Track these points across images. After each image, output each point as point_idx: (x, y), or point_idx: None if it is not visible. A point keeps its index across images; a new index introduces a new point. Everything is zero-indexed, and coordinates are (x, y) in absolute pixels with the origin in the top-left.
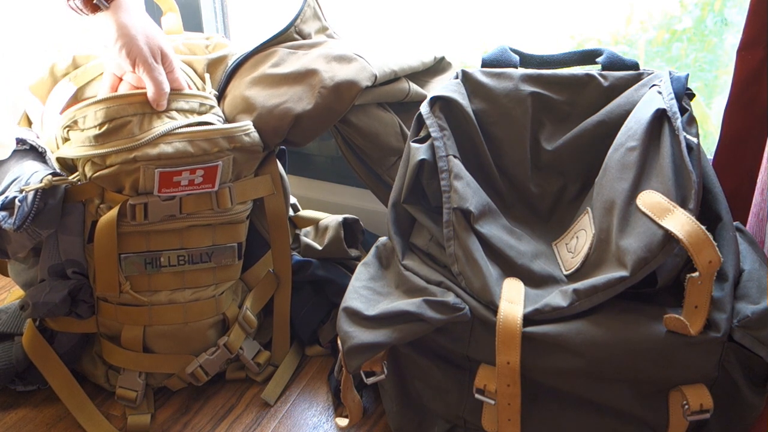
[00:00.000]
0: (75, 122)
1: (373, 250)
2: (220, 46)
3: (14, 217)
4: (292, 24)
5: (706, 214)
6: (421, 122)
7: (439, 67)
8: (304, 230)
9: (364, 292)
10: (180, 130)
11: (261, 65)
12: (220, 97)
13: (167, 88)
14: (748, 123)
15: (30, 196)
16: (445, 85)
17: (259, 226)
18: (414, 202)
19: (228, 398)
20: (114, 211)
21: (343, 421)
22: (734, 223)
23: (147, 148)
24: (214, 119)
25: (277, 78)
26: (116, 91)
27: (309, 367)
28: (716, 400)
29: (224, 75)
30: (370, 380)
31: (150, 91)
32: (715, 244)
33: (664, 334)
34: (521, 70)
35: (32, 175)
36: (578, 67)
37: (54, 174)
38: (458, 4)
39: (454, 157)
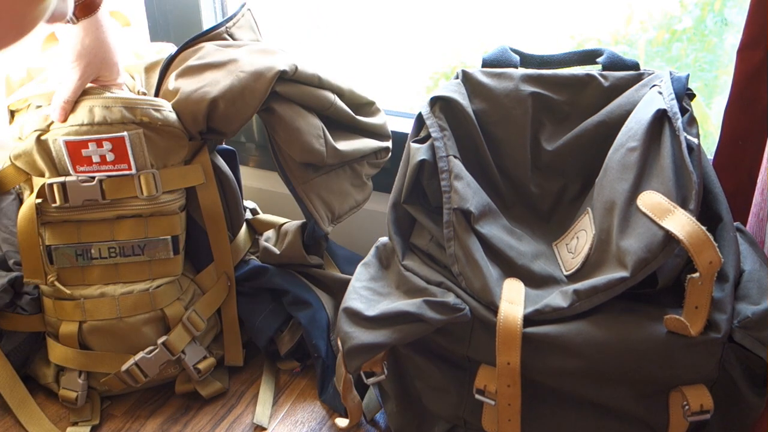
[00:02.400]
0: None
1: (373, 250)
2: (159, 51)
3: None
4: (223, 24)
5: (706, 214)
6: (421, 122)
7: (366, 109)
8: (265, 234)
9: (364, 292)
10: (81, 100)
11: (187, 60)
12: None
13: (70, 100)
14: (748, 123)
15: None
16: (446, 85)
17: (202, 224)
18: (414, 203)
19: (228, 398)
20: (33, 195)
21: (343, 422)
22: (734, 223)
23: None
24: None
25: (199, 67)
26: None
27: (308, 368)
28: (716, 400)
29: (159, 75)
30: (370, 380)
31: (53, 99)
32: (716, 244)
33: (664, 334)
34: (521, 70)
35: None
36: (578, 67)
37: None
38: (458, 4)
39: (455, 157)
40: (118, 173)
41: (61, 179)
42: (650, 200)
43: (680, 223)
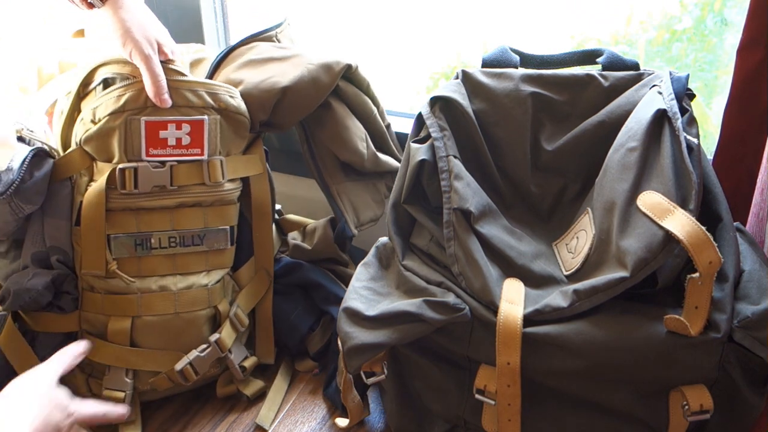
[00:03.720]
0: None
1: (373, 250)
2: (198, 50)
3: None
4: (274, 29)
5: (706, 214)
6: (421, 122)
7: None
8: (291, 234)
9: (364, 292)
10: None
11: (245, 55)
12: None
13: (163, 78)
14: (748, 123)
15: (16, 165)
16: (446, 85)
17: (248, 216)
18: (414, 203)
19: (228, 398)
20: (103, 179)
21: (343, 422)
22: (734, 223)
23: (132, 94)
24: None
25: (262, 60)
26: None
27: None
28: (716, 400)
29: (210, 67)
30: (370, 380)
31: (147, 84)
32: (716, 244)
33: (664, 334)
34: (521, 71)
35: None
36: (578, 67)
37: (42, 149)
38: (458, 4)
39: (455, 157)
40: (189, 158)
41: (134, 164)
42: (650, 200)
43: (680, 223)
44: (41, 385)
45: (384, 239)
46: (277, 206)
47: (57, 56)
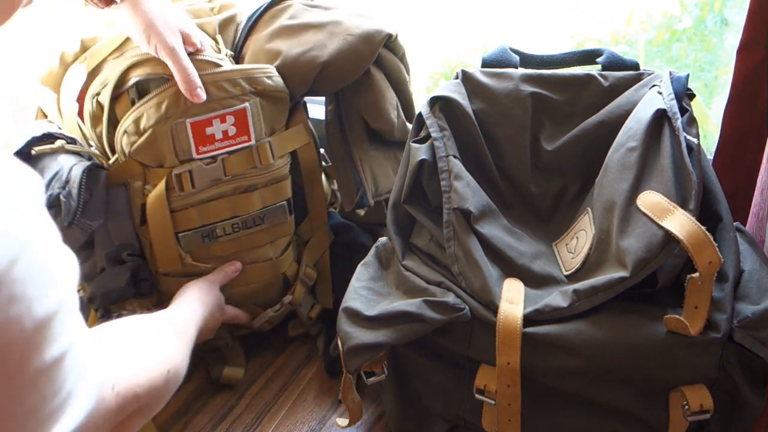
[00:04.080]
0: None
1: (373, 250)
2: (225, 6)
3: (63, 214)
4: None
5: (706, 214)
6: (421, 122)
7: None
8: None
9: (364, 292)
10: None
11: (277, 19)
12: (238, 56)
13: (193, 72)
14: (748, 123)
15: (74, 190)
16: (445, 85)
17: (298, 181)
18: (414, 203)
19: (228, 398)
20: (161, 185)
21: (343, 421)
22: (734, 223)
23: (173, 97)
24: None
25: (297, 27)
26: None
27: (308, 368)
28: (716, 400)
29: (242, 33)
30: (370, 380)
31: (178, 80)
32: (716, 244)
33: (664, 334)
34: (521, 71)
35: (71, 168)
36: (578, 67)
37: (93, 164)
38: (458, 4)
39: (454, 157)
40: (238, 147)
41: (187, 167)
42: (650, 200)
43: (680, 222)
44: (206, 289)
45: (384, 239)
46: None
47: (77, 36)
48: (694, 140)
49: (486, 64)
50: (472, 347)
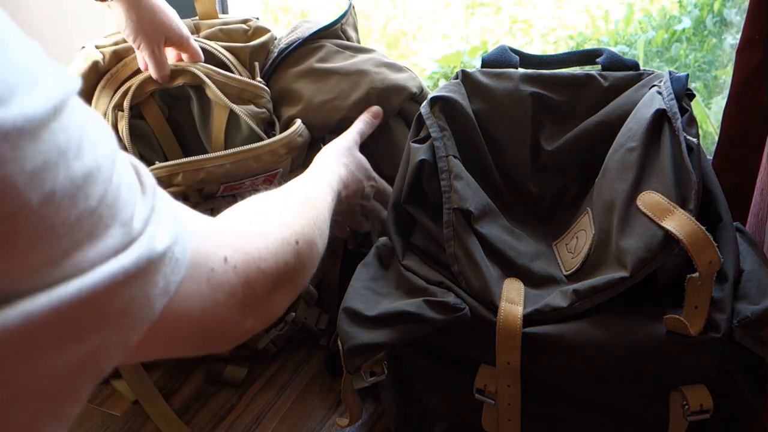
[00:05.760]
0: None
1: (373, 250)
2: (260, 32)
3: None
4: (339, 21)
5: (706, 214)
6: (420, 122)
7: None
8: None
9: (364, 292)
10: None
11: (307, 59)
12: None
13: (167, 68)
14: (747, 123)
15: None
16: (445, 85)
17: None
18: (414, 203)
19: (228, 398)
20: None
21: (343, 421)
22: (734, 223)
23: (212, 169)
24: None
25: (324, 72)
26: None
27: (308, 367)
28: (716, 400)
29: (270, 66)
30: (370, 380)
31: (151, 69)
32: (716, 244)
33: (664, 334)
34: (521, 71)
35: None
36: (578, 67)
37: None
38: (458, 4)
39: (454, 157)
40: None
41: (210, 206)
42: (650, 200)
43: (680, 222)
44: (343, 147)
45: (384, 239)
46: None
47: (111, 46)
48: (694, 140)
49: (485, 64)
50: (472, 347)
